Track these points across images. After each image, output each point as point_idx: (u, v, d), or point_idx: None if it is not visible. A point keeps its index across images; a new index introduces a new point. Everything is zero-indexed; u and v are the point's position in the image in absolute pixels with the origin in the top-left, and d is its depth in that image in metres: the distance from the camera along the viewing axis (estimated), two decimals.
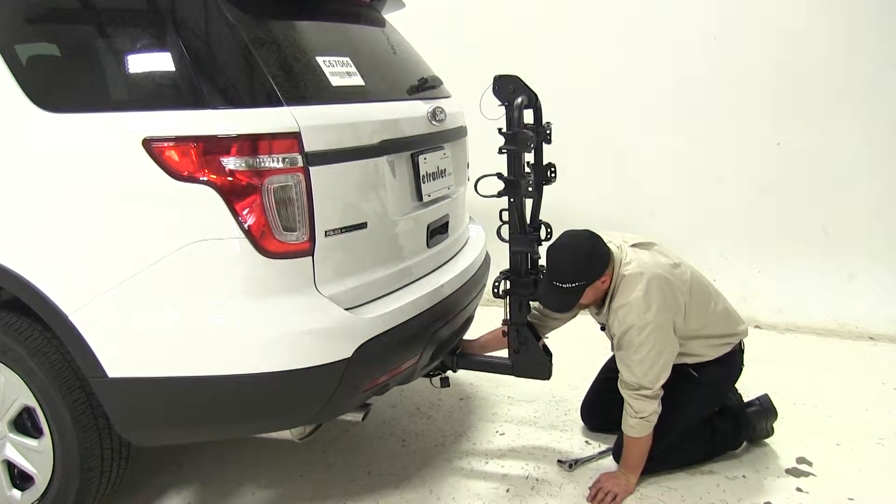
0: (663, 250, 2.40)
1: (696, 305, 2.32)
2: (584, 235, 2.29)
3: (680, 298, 2.26)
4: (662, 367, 2.23)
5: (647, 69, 4.22)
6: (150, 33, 1.87)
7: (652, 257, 2.32)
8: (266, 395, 1.85)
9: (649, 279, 2.22)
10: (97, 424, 1.95)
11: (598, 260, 2.24)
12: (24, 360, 1.92)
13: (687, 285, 2.30)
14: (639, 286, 2.21)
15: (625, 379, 2.27)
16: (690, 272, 2.36)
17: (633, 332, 2.21)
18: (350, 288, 1.96)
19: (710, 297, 2.40)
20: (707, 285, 2.42)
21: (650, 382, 2.22)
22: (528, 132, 2.27)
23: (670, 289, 2.24)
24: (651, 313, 2.19)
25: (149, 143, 1.73)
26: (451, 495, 2.38)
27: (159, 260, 1.77)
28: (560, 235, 2.32)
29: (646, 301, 2.20)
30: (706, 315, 2.35)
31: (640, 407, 2.24)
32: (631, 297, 2.21)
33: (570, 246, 2.26)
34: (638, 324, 2.20)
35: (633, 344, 2.21)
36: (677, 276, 2.29)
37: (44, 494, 2.02)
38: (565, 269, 2.23)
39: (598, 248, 2.26)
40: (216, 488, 2.43)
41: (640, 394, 2.24)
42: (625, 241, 2.39)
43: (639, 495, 2.36)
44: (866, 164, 3.95)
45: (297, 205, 1.80)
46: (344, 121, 1.95)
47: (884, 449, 2.65)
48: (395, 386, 2.28)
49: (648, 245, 2.41)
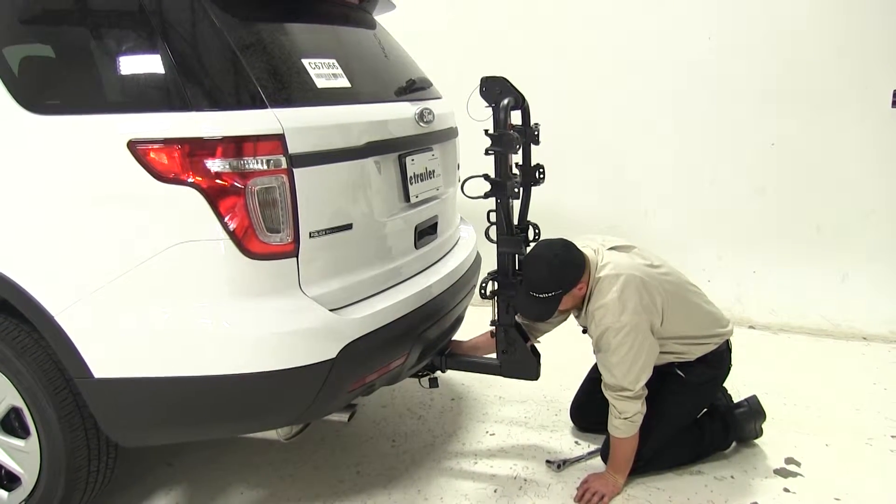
0: (642, 252, 2.41)
1: (677, 306, 2.32)
2: (558, 244, 2.30)
3: (657, 299, 2.26)
4: (642, 368, 2.23)
5: (644, 70, 4.22)
6: (135, 36, 1.88)
7: (630, 259, 2.32)
8: (251, 396, 1.86)
9: (625, 281, 2.23)
10: (84, 425, 1.96)
11: (572, 268, 2.26)
12: (10, 361, 1.93)
13: (665, 286, 2.30)
14: (614, 288, 2.22)
15: (606, 381, 2.28)
16: (670, 272, 2.37)
17: (610, 335, 2.21)
18: (335, 289, 1.97)
19: (692, 297, 2.41)
20: (688, 286, 2.42)
21: (630, 383, 2.23)
22: (513, 133, 2.28)
23: (646, 290, 2.25)
24: (626, 315, 2.20)
25: (134, 145, 1.74)
26: (439, 496, 2.39)
27: (144, 261, 1.78)
28: (534, 246, 2.34)
29: (621, 302, 2.21)
30: (687, 316, 2.36)
31: (624, 408, 2.25)
32: (606, 299, 2.22)
33: (544, 256, 2.27)
34: (614, 326, 2.20)
35: (610, 346, 2.22)
36: (654, 277, 2.29)
37: (30, 495, 2.03)
38: (541, 279, 2.25)
39: (572, 257, 2.27)
40: (205, 488, 2.44)
41: (622, 395, 2.24)
42: (602, 244, 2.40)
43: (626, 496, 2.37)
44: (861, 165, 3.95)
45: (281, 206, 1.80)
46: (329, 122, 1.95)
47: (872, 449, 2.66)
48: (382, 386, 2.28)
49: (627, 248, 2.41)
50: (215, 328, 1.81)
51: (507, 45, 4.36)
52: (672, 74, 4.18)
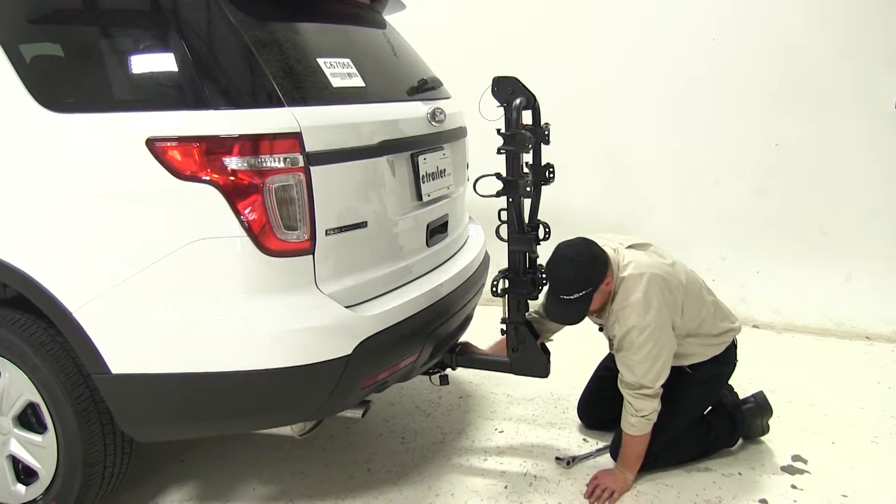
0: (658, 250, 2.43)
1: (692, 304, 2.35)
2: (579, 243, 2.30)
3: (678, 297, 2.29)
4: (662, 366, 2.25)
5: (647, 70, 4.24)
6: (153, 34, 1.90)
7: (649, 257, 2.34)
8: (267, 392, 1.88)
9: (649, 280, 2.24)
10: (100, 420, 1.98)
11: (598, 264, 2.26)
12: (28, 357, 1.95)
13: (683, 284, 2.33)
14: (639, 287, 2.24)
15: (625, 379, 2.30)
16: (685, 271, 2.39)
17: (634, 333, 2.23)
18: (350, 286, 1.99)
19: (706, 295, 2.43)
20: (701, 284, 2.45)
21: (651, 381, 2.25)
22: (526, 133, 2.29)
23: (669, 288, 2.27)
24: (651, 314, 2.22)
25: (152, 143, 1.76)
26: (449, 492, 2.40)
27: (162, 258, 1.79)
28: (554, 249, 2.33)
29: (646, 302, 2.22)
30: (700, 313, 2.38)
31: (641, 405, 2.27)
32: (632, 299, 2.24)
33: (567, 256, 2.27)
34: (639, 325, 2.22)
35: (633, 344, 2.24)
36: (673, 276, 2.31)
37: (48, 489, 2.05)
38: (569, 280, 2.25)
39: (595, 253, 2.28)
40: (217, 484, 2.45)
41: (641, 392, 2.26)
42: (620, 243, 2.41)
43: (635, 492, 2.39)
44: (864, 164, 3.98)
45: (298, 204, 1.82)
46: (344, 121, 1.97)
47: (878, 447, 2.68)
48: (395, 383, 2.30)
49: (644, 246, 2.43)
50: (232, 324, 1.83)
51: (512, 45, 4.38)
52: (676, 75, 4.20)
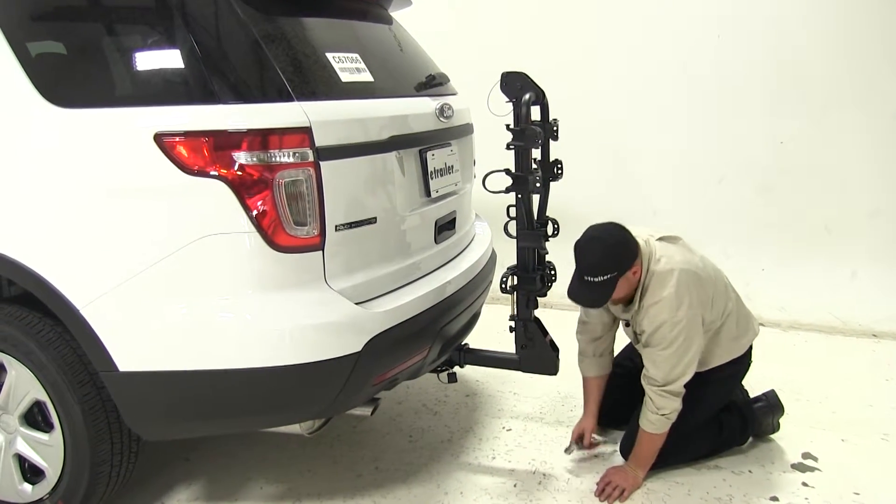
0: (687, 244, 2.41)
1: (719, 299, 2.34)
2: (611, 226, 2.27)
3: (709, 291, 2.28)
4: (688, 363, 2.24)
5: (652, 68, 4.23)
6: (161, 29, 1.88)
7: (680, 252, 2.32)
8: (276, 389, 1.86)
9: (679, 275, 2.22)
10: (107, 418, 1.96)
11: (628, 249, 2.22)
12: (35, 355, 1.93)
13: (712, 279, 2.32)
14: (671, 283, 2.21)
15: (650, 375, 2.27)
16: (712, 267, 2.39)
17: (665, 329, 2.21)
18: (360, 282, 1.97)
19: (730, 292, 2.43)
20: (726, 282, 2.44)
21: (675, 377, 2.23)
22: (535, 128, 2.28)
23: (700, 284, 2.25)
24: (683, 310, 2.20)
25: (160, 138, 1.74)
26: (458, 490, 2.39)
27: (170, 254, 1.77)
28: (585, 231, 2.29)
29: (678, 298, 2.20)
30: (725, 309, 2.37)
31: (662, 403, 2.25)
32: (664, 294, 2.21)
33: (599, 237, 2.24)
34: (670, 320, 2.20)
35: (663, 340, 2.21)
36: (703, 270, 2.30)
37: (55, 488, 2.03)
38: (596, 261, 2.20)
39: (626, 237, 2.25)
40: (224, 483, 2.43)
41: (665, 390, 2.24)
42: (651, 234, 2.37)
43: (646, 490, 2.37)
44: (868, 162, 3.96)
45: (307, 199, 1.80)
46: (354, 116, 1.96)
47: (888, 444, 2.67)
48: (404, 381, 2.28)
49: (674, 239, 2.40)
50: (241, 321, 1.81)
51: (517, 44, 4.36)
52: (681, 73, 4.19)
